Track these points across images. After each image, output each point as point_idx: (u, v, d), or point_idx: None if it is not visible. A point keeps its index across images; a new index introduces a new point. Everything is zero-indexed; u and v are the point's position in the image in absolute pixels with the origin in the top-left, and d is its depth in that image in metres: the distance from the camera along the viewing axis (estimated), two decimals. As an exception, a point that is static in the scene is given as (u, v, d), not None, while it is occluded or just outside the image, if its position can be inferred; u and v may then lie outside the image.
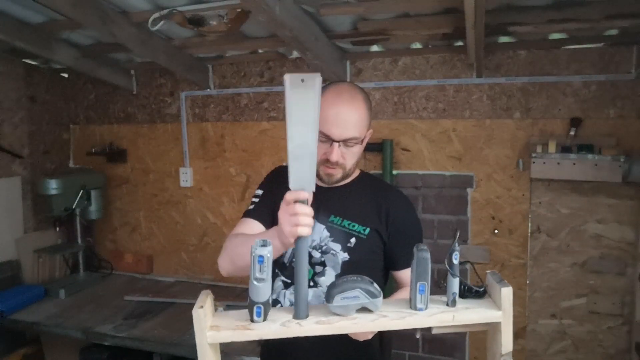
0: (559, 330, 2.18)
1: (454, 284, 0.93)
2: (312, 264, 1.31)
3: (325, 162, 1.26)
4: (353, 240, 1.30)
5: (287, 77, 0.88)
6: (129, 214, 2.98)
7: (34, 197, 2.78)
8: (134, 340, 2.08)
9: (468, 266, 2.16)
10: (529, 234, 2.18)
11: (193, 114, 2.76)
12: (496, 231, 2.23)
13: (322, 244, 1.31)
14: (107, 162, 2.97)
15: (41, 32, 2.24)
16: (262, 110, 2.60)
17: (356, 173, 1.41)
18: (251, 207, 1.46)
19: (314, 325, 0.90)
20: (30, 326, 2.28)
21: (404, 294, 1.29)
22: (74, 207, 2.67)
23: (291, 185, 0.96)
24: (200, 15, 1.92)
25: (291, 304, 1.32)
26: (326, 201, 1.33)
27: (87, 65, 2.55)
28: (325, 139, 1.23)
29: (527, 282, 2.20)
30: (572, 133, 2.03)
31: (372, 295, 0.90)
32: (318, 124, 0.92)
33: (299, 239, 0.98)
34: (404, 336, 2.39)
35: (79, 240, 2.79)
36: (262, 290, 0.89)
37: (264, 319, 0.91)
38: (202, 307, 0.89)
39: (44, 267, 2.78)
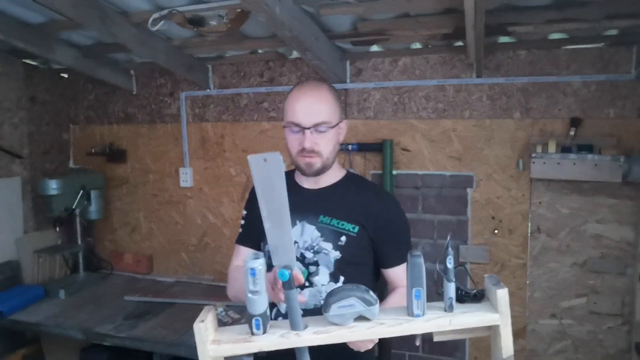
0: (559, 330, 2.18)
1: (450, 289, 0.93)
2: (305, 264, 1.34)
3: (301, 151, 1.31)
4: (343, 238, 1.33)
5: (250, 159, 0.92)
6: (129, 214, 2.98)
7: (34, 197, 2.78)
8: (134, 340, 2.08)
9: (468, 266, 2.16)
10: (529, 234, 2.18)
11: (193, 114, 2.76)
12: (496, 231, 2.23)
13: (314, 244, 1.34)
14: (107, 162, 2.97)
15: (41, 32, 2.24)
16: (262, 110, 2.60)
17: (342, 173, 1.45)
18: (240, 231, 1.54)
19: (312, 336, 0.91)
20: (30, 326, 2.27)
21: (395, 297, 1.33)
22: (74, 207, 2.67)
23: (274, 262, 0.97)
24: (200, 16, 1.92)
25: (275, 318, 1.36)
26: (314, 202, 1.38)
27: (87, 65, 2.55)
28: (298, 128, 1.30)
29: (527, 282, 2.20)
30: (572, 133, 2.03)
31: (368, 303, 0.91)
32: (287, 200, 0.94)
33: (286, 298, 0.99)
34: (404, 336, 2.39)
35: (79, 241, 2.79)
36: (257, 302, 0.90)
37: (264, 331, 0.92)
38: (202, 321, 0.91)
39: (44, 267, 2.78)
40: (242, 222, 1.53)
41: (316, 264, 1.33)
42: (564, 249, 2.14)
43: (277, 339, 0.91)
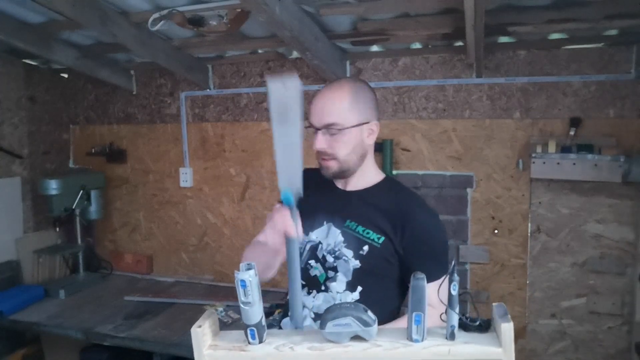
0: (559, 330, 2.18)
1: (453, 317, 0.87)
2: (325, 268, 1.30)
3: (317, 153, 1.29)
4: (366, 247, 1.26)
5: (269, 80, 0.94)
6: (129, 214, 2.98)
7: (34, 197, 2.78)
8: (134, 340, 2.07)
9: (468, 266, 2.14)
10: (529, 234, 2.18)
11: (193, 114, 2.76)
12: (496, 231, 2.23)
13: (336, 248, 1.28)
14: (107, 162, 2.97)
15: (41, 32, 2.24)
16: (262, 110, 2.60)
17: (379, 177, 1.38)
18: None
19: (306, 351, 0.90)
20: (30, 326, 2.27)
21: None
22: (73, 207, 2.67)
23: (280, 183, 1.00)
24: (200, 16, 1.92)
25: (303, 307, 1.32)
26: (344, 205, 1.33)
27: (87, 65, 2.55)
28: (313, 129, 1.28)
29: (527, 282, 2.20)
30: (572, 133, 2.03)
31: (365, 324, 0.88)
32: (301, 124, 0.98)
33: (287, 242, 1.05)
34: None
35: (79, 241, 2.79)
36: (250, 313, 0.89)
37: (260, 341, 0.92)
38: (200, 326, 0.91)
39: (44, 267, 2.78)
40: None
41: (335, 269, 1.28)
42: (564, 249, 2.14)
43: (271, 350, 0.91)
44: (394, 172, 2.33)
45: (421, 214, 1.30)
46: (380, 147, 2.31)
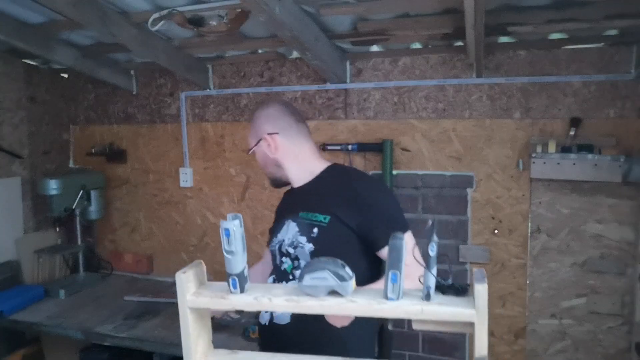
0: (559, 330, 2.18)
1: (430, 278, 0.88)
2: (292, 259, 1.41)
3: None
4: (316, 230, 1.36)
5: None
6: (129, 214, 2.98)
7: (34, 197, 2.78)
8: (134, 340, 2.08)
9: (468, 266, 2.15)
10: (529, 234, 2.18)
11: (193, 114, 2.76)
12: (496, 231, 2.23)
13: (294, 239, 1.40)
14: (107, 162, 2.97)
15: (41, 32, 2.25)
16: (262, 110, 2.60)
17: (321, 167, 1.49)
18: None
19: (283, 302, 0.92)
20: (30, 326, 2.28)
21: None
22: (74, 207, 2.67)
23: None
24: (200, 16, 1.92)
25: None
26: (298, 200, 1.47)
27: (87, 66, 2.55)
28: None
29: (527, 282, 2.20)
30: (572, 133, 2.03)
31: (341, 279, 0.90)
32: None
33: None
34: (405, 336, 2.39)
35: (79, 241, 2.79)
36: (233, 262, 0.92)
37: (241, 291, 0.94)
38: (184, 272, 0.95)
39: (44, 267, 2.78)
40: None
41: (298, 258, 1.38)
42: (564, 249, 2.14)
43: (250, 300, 0.93)
44: (394, 172, 2.33)
45: (360, 184, 1.41)
46: (380, 147, 2.31)
